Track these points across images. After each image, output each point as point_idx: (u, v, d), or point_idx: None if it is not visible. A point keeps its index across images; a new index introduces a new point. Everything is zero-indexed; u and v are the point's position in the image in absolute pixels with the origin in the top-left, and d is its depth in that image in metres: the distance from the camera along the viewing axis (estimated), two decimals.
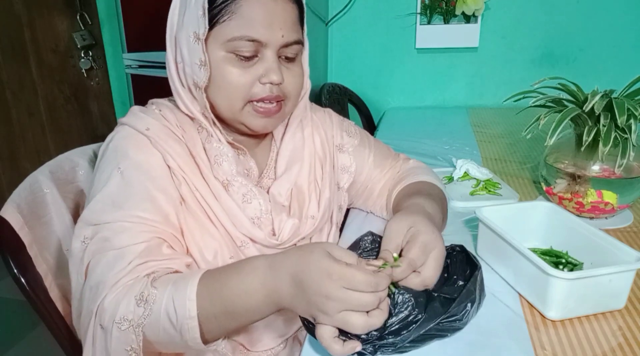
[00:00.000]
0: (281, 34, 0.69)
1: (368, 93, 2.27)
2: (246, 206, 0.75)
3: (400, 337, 0.56)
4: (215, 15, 0.68)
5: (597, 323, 0.66)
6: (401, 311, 0.58)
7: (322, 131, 0.89)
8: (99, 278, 0.62)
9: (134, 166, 0.69)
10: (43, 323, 0.79)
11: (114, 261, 0.62)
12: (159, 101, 0.79)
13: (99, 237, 0.65)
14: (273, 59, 0.70)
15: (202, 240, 0.73)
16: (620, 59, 2.01)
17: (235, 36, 0.67)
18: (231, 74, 0.69)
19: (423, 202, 0.77)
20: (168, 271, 0.64)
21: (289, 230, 0.77)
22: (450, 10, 2.01)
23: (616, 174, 0.91)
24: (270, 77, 0.69)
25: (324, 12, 2.15)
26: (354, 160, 0.92)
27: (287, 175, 0.81)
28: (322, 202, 0.84)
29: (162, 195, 0.69)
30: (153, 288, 0.59)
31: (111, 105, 2.44)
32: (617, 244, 0.69)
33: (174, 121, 0.75)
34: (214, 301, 0.58)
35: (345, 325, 0.54)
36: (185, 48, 0.70)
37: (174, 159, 0.71)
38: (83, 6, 2.29)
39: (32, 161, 2.50)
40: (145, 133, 0.71)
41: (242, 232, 0.75)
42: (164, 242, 0.67)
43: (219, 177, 0.74)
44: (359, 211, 1.01)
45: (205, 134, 0.75)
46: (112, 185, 0.68)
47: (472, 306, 0.60)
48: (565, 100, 0.93)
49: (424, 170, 0.94)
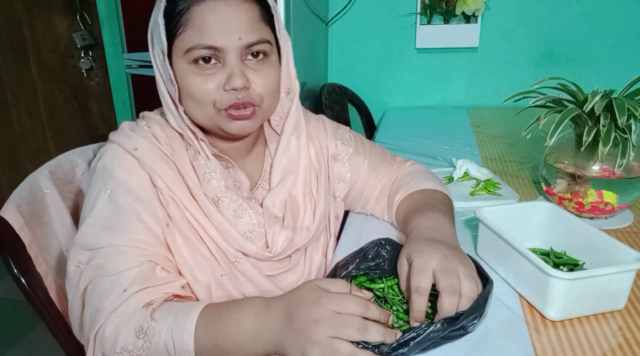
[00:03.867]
0: (238, 37, 0.68)
1: (368, 93, 2.27)
2: (237, 221, 0.75)
3: (407, 348, 0.56)
4: (172, 28, 0.69)
5: (597, 323, 0.66)
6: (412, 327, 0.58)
7: (317, 141, 0.88)
8: (96, 305, 0.63)
9: (121, 187, 0.70)
10: (43, 323, 0.79)
11: (110, 287, 0.63)
12: (149, 116, 0.78)
13: (93, 263, 0.66)
14: (234, 63, 0.68)
15: (192, 259, 0.73)
16: (620, 59, 2.01)
17: (191, 46, 0.67)
18: (194, 84, 0.69)
19: (422, 221, 0.75)
20: (166, 297, 0.65)
21: (283, 242, 0.77)
22: (450, 10, 2.01)
23: (616, 174, 0.91)
24: (232, 83, 0.68)
25: (324, 12, 2.15)
26: (349, 169, 0.91)
27: (281, 187, 0.80)
28: (317, 213, 0.83)
29: (150, 217, 0.69)
30: (152, 321, 0.60)
31: (111, 105, 2.44)
32: (617, 244, 0.69)
33: (164, 139, 0.74)
34: (209, 333, 0.59)
35: (334, 353, 0.53)
36: (160, 66, 0.72)
37: (161, 179, 0.71)
38: (83, 6, 2.29)
39: (32, 161, 2.50)
40: (133, 154, 0.71)
41: (235, 247, 0.74)
42: (156, 265, 0.67)
43: (209, 193, 0.74)
44: (357, 214, 1.00)
45: (192, 152, 0.75)
46: (101, 208, 0.69)
47: (480, 319, 0.60)
48: (565, 101, 0.93)
49: (423, 174, 0.93)
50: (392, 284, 0.67)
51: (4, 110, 2.41)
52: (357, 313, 0.56)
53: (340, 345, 0.53)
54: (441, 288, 0.59)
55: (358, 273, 0.68)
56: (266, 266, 0.78)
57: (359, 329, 0.54)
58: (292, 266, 0.82)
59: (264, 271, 0.78)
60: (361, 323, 0.55)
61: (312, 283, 0.60)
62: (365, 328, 0.54)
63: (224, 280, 0.75)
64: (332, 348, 0.53)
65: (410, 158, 1.02)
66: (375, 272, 0.68)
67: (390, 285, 0.67)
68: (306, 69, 1.92)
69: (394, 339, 0.56)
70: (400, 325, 0.62)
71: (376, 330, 0.55)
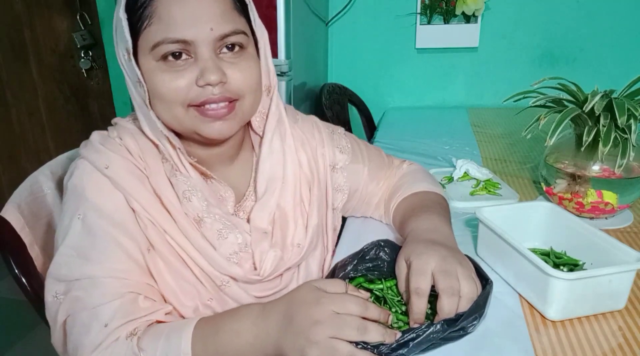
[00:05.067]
0: (209, 28, 0.61)
1: (368, 93, 2.27)
2: (222, 242, 0.68)
3: (407, 349, 0.56)
4: (135, 23, 0.62)
5: (597, 323, 0.66)
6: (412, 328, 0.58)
7: (309, 148, 0.80)
8: (76, 342, 0.60)
9: (95, 211, 0.63)
10: (43, 323, 0.79)
11: (89, 322, 0.59)
12: (121, 124, 0.71)
13: (70, 296, 0.61)
14: (208, 56, 0.62)
15: (176, 285, 0.68)
16: (620, 59, 2.01)
17: (158, 41, 0.61)
18: (163, 82, 0.62)
19: (419, 223, 0.74)
20: (149, 323, 0.62)
21: (272, 263, 0.71)
22: (450, 10, 2.01)
23: (616, 174, 0.91)
24: (207, 77, 0.61)
25: (324, 12, 2.15)
26: (348, 179, 0.86)
27: (268, 197, 0.73)
28: (309, 227, 0.76)
29: (129, 241, 0.64)
30: (141, 351, 0.57)
31: (111, 105, 2.44)
32: (617, 244, 0.69)
33: (137, 151, 0.68)
34: (208, 348, 0.58)
35: (333, 353, 0.53)
36: (126, 67, 0.65)
37: (137, 201, 0.65)
38: (83, 6, 2.29)
39: (32, 161, 2.50)
40: (105, 173, 0.65)
41: (220, 271, 0.69)
42: (138, 295, 0.63)
43: (190, 213, 0.67)
44: (355, 217, 0.99)
45: (169, 167, 0.68)
46: (74, 235, 0.63)
47: (479, 320, 0.60)
48: (565, 100, 0.93)
49: (418, 174, 0.91)
50: (391, 285, 0.67)
51: (4, 110, 2.41)
52: (357, 313, 0.56)
53: (340, 345, 0.53)
54: (440, 290, 0.59)
55: (356, 274, 0.68)
56: (255, 288, 0.73)
57: (359, 329, 0.54)
58: (284, 286, 0.76)
59: (254, 293, 0.72)
60: (360, 323, 0.54)
61: (310, 284, 0.59)
62: (365, 328, 0.54)
63: (213, 303, 0.70)
64: (332, 348, 0.53)
65: (411, 158, 1.02)
66: (373, 274, 0.68)
67: (389, 286, 0.67)
68: (306, 69, 1.92)
69: (393, 339, 0.56)
70: (400, 326, 0.62)
71: (375, 330, 0.55)
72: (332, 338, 0.53)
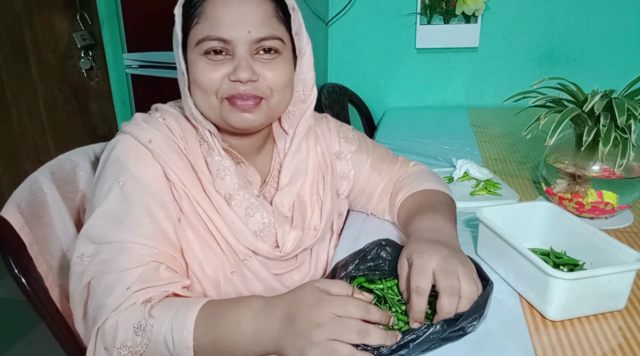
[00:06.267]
0: (247, 30, 0.69)
1: (368, 93, 2.27)
2: (249, 219, 0.75)
3: (407, 350, 0.56)
4: (188, 20, 0.71)
5: (597, 323, 0.66)
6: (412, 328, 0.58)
7: (323, 141, 0.89)
8: (99, 301, 0.63)
9: (134, 180, 0.69)
10: (43, 323, 0.79)
11: (114, 284, 0.63)
12: (163, 108, 0.78)
13: (99, 258, 0.66)
14: (243, 56, 0.69)
15: (202, 254, 0.73)
16: (620, 59, 2.01)
17: (203, 37, 0.69)
18: (201, 73, 0.70)
19: (423, 222, 0.75)
20: (166, 294, 0.65)
21: (292, 242, 0.78)
22: (450, 10, 2.01)
23: (616, 174, 0.91)
24: (238, 74, 0.68)
25: (324, 12, 2.15)
26: (353, 167, 0.92)
27: (290, 187, 0.81)
28: (324, 212, 0.84)
29: (161, 211, 0.69)
30: (151, 318, 0.60)
31: (111, 105, 2.44)
32: (617, 244, 0.69)
33: (178, 132, 0.75)
34: (208, 331, 0.59)
35: (333, 354, 0.53)
36: (176, 57, 0.73)
37: (175, 173, 0.71)
38: (83, 6, 2.29)
39: (32, 161, 2.50)
40: (148, 146, 0.71)
41: (246, 245, 0.75)
42: (161, 265, 0.67)
43: (221, 191, 0.74)
44: (357, 214, 1.00)
45: (206, 147, 0.75)
46: (112, 200, 0.68)
47: (479, 320, 0.60)
48: (565, 100, 0.93)
49: (426, 174, 0.93)
50: (391, 285, 0.67)
51: (4, 110, 2.41)
52: (358, 316, 0.56)
53: (340, 347, 0.53)
54: (441, 289, 0.59)
55: (357, 273, 0.68)
56: (274, 265, 0.79)
57: (359, 332, 0.54)
58: (299, 264, 0.83)
59: (272, 269, 0.79)
60: (361, 327, 0.55)
61: (313, 284, 0.59)
62: (366, 332, 0.54)
63: (234, 277, 0.75)
64: (332, 349, 0.53)
65: (411, 158, 1.02)
66: (374, 273, 0.68)
67: (389, 286, 0.67)
68: None
69: (394, 342, 0.56)
70: (400, 326, 0.62)
71: (376, 333, 0.55)
72: (332, 340, 0.54)
